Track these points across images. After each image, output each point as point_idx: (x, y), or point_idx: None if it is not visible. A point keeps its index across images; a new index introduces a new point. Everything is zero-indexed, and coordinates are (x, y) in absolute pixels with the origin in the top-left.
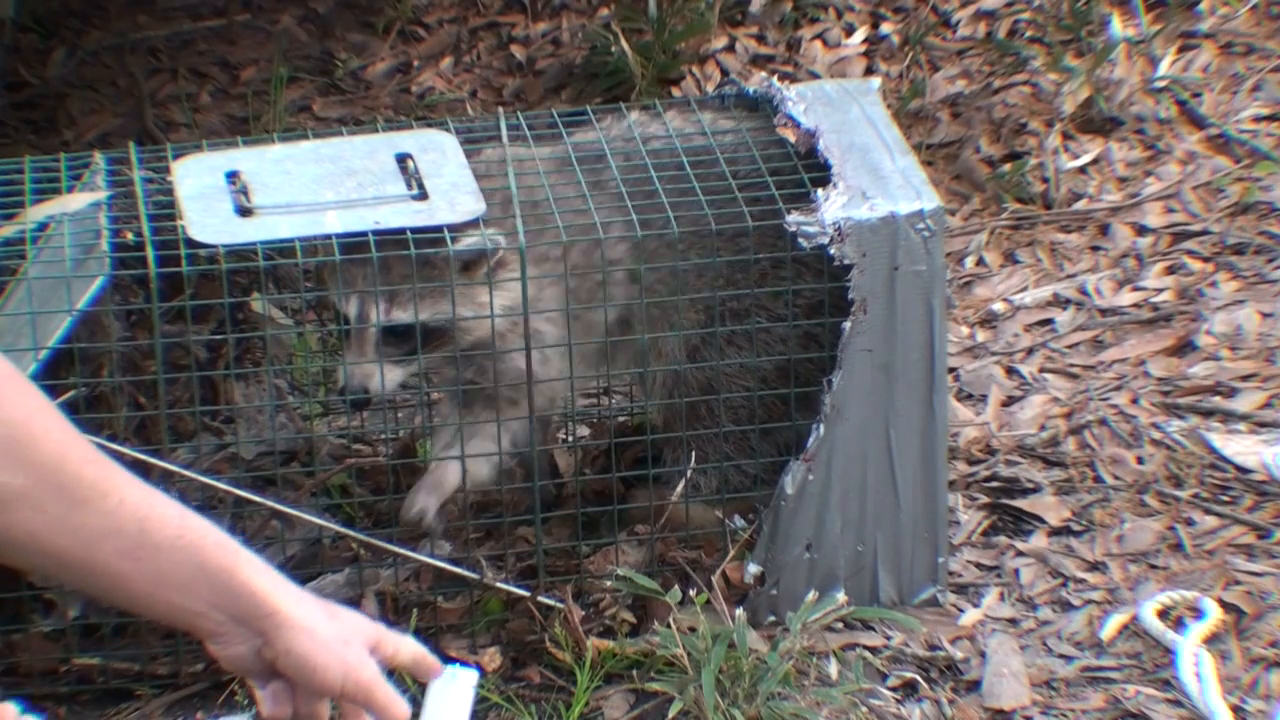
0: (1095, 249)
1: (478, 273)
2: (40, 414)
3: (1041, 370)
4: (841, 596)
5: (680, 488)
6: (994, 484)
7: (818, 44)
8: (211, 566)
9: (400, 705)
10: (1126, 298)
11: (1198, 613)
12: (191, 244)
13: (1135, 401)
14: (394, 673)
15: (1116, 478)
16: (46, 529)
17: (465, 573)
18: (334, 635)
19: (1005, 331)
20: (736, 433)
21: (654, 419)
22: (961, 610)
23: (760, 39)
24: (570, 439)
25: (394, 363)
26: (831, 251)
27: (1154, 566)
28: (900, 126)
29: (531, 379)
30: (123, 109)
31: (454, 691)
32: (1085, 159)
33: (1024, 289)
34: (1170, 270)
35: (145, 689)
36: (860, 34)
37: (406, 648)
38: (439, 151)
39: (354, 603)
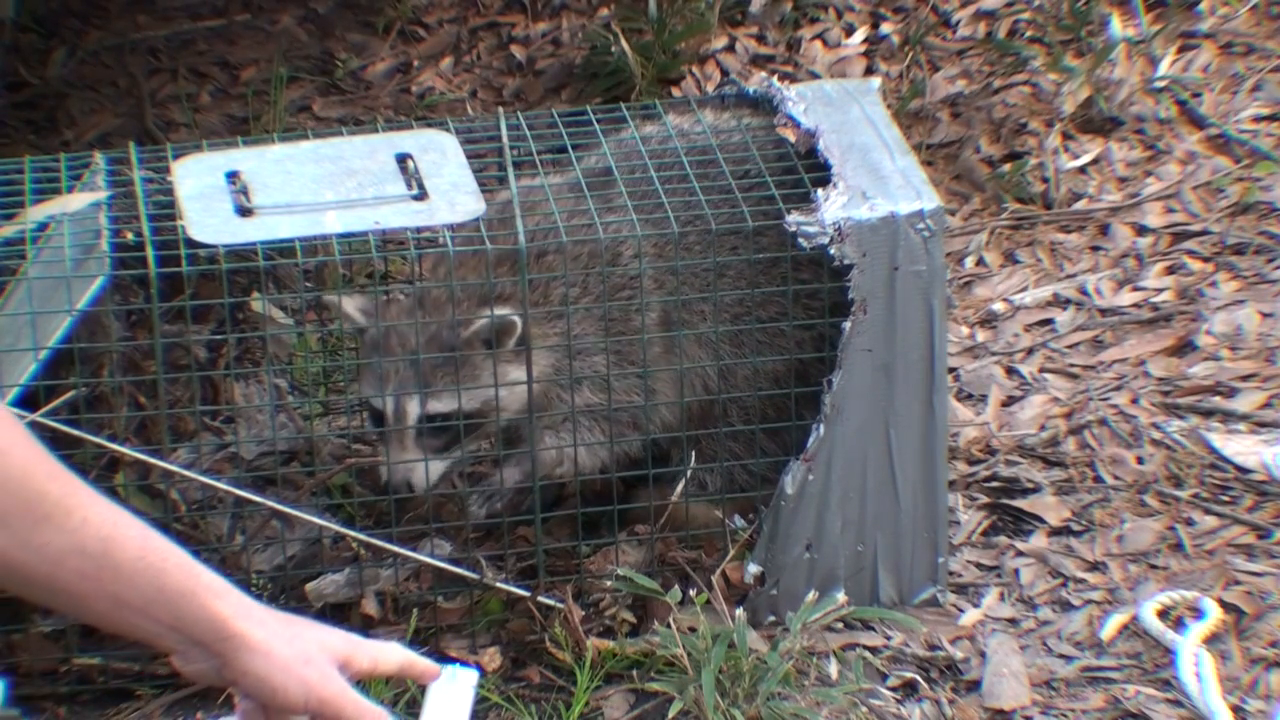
0: (1095, 249)
1: (502, 348)
2: (4, 427)
3: (1041, 370)
4: (841, 596)
5: (680, 487)
6: (994, 484)
7: (818, 44)
8: (171, 590)
9: (372, 713)
10: (1126, 298)
11: (1198, 613)
12: (191, 244)
13: (1135, 401)
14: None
15: (1116, 478)
16: (8, 546)
17: (465, 573)
18: (294, 655)
19: (1005, 331)
20: (745, 432)
21: (666, 418)
22: (961, 610)
23: (760, 39)
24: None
25: (434, 454)
26: (831, 251)
27: (1154, 566)
28: (900, 126)
29: (532, 382)
30: (123, 109)
31: (454, 691)
32: (1085, 159)
33: (1024, 289)
34: (1170, 270)
35: (145, 689)
36: (860, 34)
37: (390, 655)
38: (439, 151)
39: (354, 603)
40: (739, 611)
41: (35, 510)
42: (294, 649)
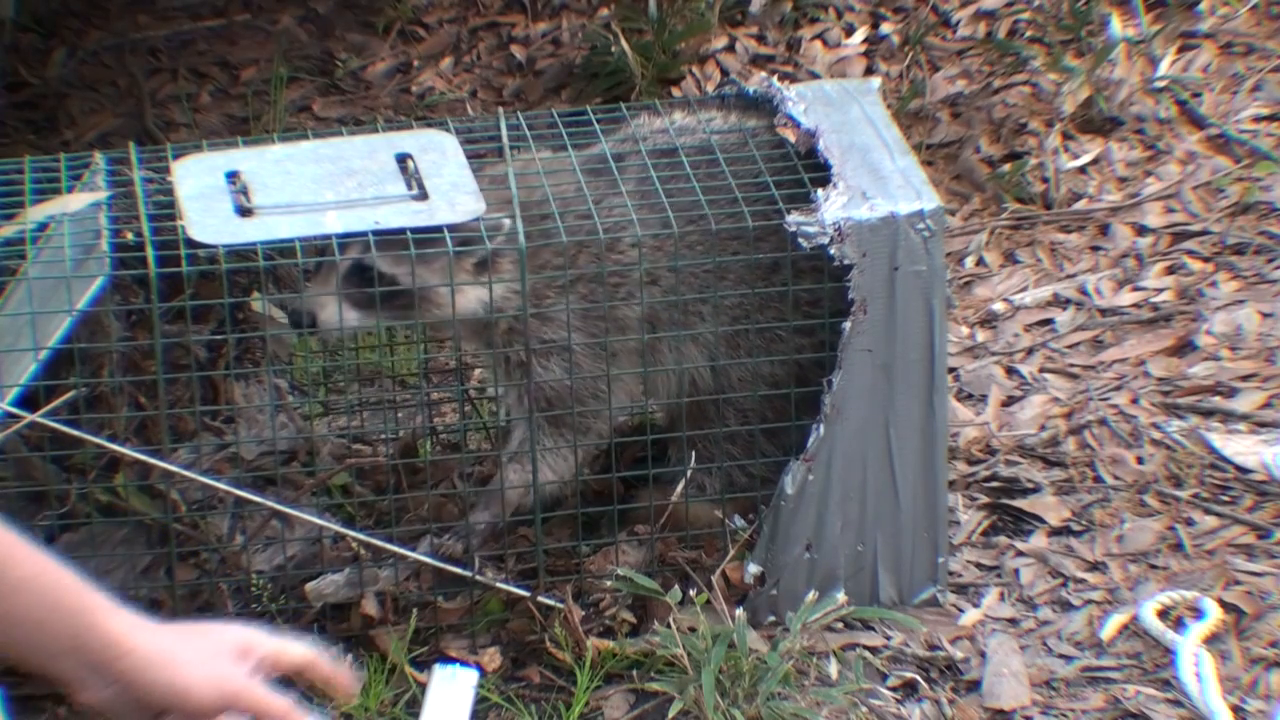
0: (1095, 249)
1: (467, 260)
2: None
3: (1041, 370)
4: (841, 596)
5: (680, 487)
6: (994, 484)
7: (818, 44)
8: (66, 608)
9: (279, 700)
10: (1126, 298)
11: (1198, 613)
12: (191, 244)
13: (1135, 401)
14: (394, 672)
15: (1116, 478)
16: None
17: (465, 573)
18: (195, 656)
19: (1005, 331)
20: (742, 433)
21: (659, 419)
22: (961, 610)
23: (760, 39)
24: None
25: (353, 306)
26: (831, 251)
27: (1154, 566)
28: (900, 126)
29: (532, 376)
30: (123, 109)
31: (454, 691)
32: (1085, 159)
33: (1024, 289)
34: (1170, 270)
35: None
36: (860, 34)
37: (291, 651)
38: (439, 151)
39: (354, 603)
40: (739, 611)
41: None
42: (194, 650)
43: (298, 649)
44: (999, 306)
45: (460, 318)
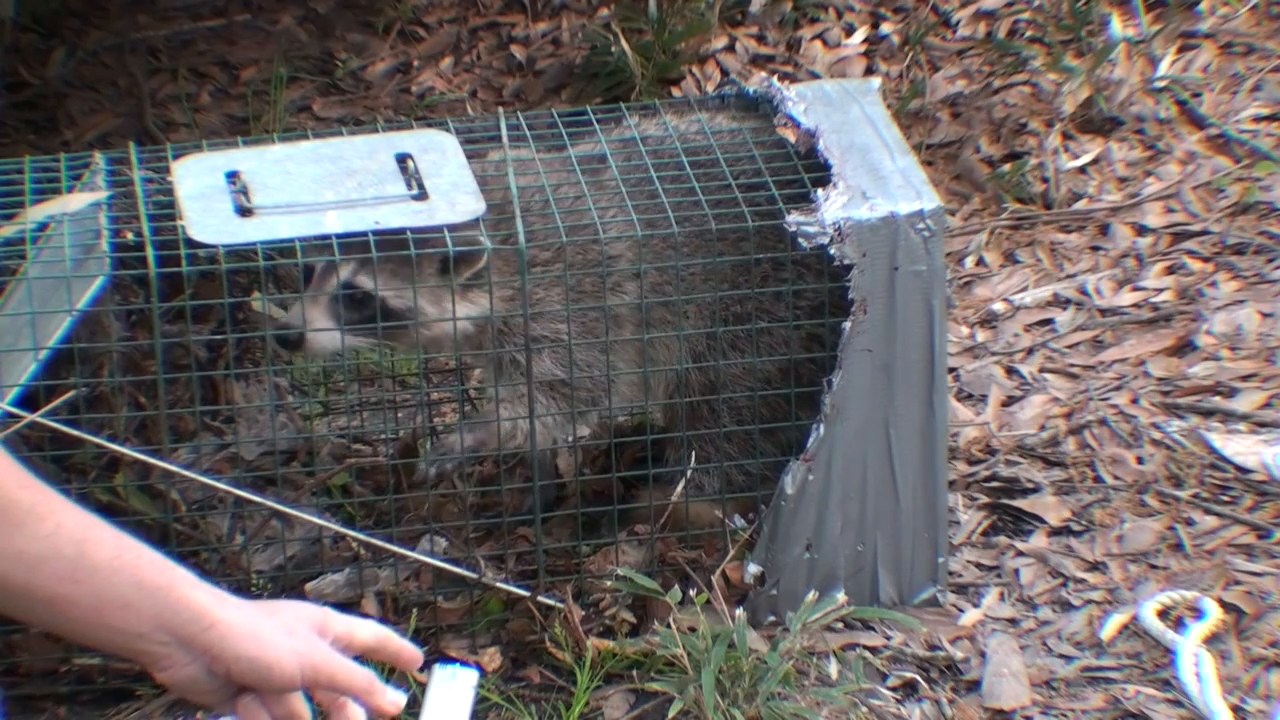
0: (1095, 249)
1: (458, 278)
2: None
3: (1041, 370)
4: (841, 596)
5: (680, 487)
6: (994, 484)
7: (818, 44)
8: (150, 585)
9: (361, 673)
10: (1126, 298)
11: (1198, 613)
12: (191, 244)
13: (1135, 401)
14: (394, 672)
15: (1116, 478)
16: None
17: (465, 572)
18: (277, 629)
19: (1005, 331)
20: (739, 432)
21: (656, 419)
22: (961, 610)
23: (760, 39)
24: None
25: (342, 326)
26: (831, 251)
27: (1154, 566)
28: (900, 126)
29: (531, 376)
30: (123, 109)
31: (454, 691)
32: (1085, 159)
33: (1024, 289)
34: (1170, 270)
35: (145, 689)
36: (860, 34)
37: (363, 630)
38: (439, 151)
39: (354, 603)
40: (739, 611)
41: (9, 518)
42: (276, 623)
43: (368, 628)
44: (999, 306)
45: (454, 335)
